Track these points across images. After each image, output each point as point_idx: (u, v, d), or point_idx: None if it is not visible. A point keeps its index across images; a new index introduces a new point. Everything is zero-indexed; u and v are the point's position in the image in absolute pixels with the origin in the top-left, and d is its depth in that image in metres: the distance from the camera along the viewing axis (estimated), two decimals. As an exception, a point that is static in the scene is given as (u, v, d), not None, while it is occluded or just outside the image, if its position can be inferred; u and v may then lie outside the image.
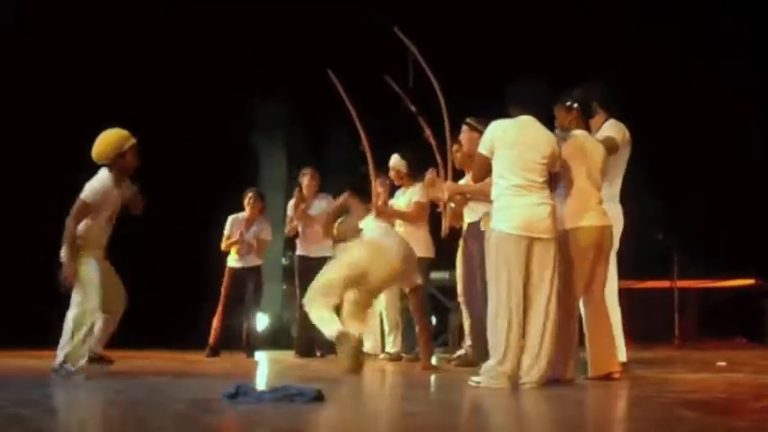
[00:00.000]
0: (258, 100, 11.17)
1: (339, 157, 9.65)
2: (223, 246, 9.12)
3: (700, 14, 10.26)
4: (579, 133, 5.80)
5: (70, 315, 6.07)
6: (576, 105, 5.84)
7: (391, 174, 8.42)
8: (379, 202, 8.26)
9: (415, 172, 8.21)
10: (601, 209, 5.76)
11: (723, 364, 7.15)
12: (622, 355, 6.18)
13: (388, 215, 8.17)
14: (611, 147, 6.09)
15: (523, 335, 5.34)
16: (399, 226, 8.18)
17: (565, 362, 5.59)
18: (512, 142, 5.40)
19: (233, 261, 9.13)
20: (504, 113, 5.60)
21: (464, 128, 7.15)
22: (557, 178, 5.66)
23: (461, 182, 7.34)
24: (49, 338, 9.29)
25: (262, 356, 9.15)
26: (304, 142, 11.18)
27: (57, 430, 3.71)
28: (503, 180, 5.40)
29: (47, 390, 5.16)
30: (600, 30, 10.13)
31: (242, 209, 9.26)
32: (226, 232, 9.13)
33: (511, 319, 5.25)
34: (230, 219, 9.13)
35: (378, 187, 8.27)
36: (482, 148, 5.51)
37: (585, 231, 5.66)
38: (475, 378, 5.35)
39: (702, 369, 6.79)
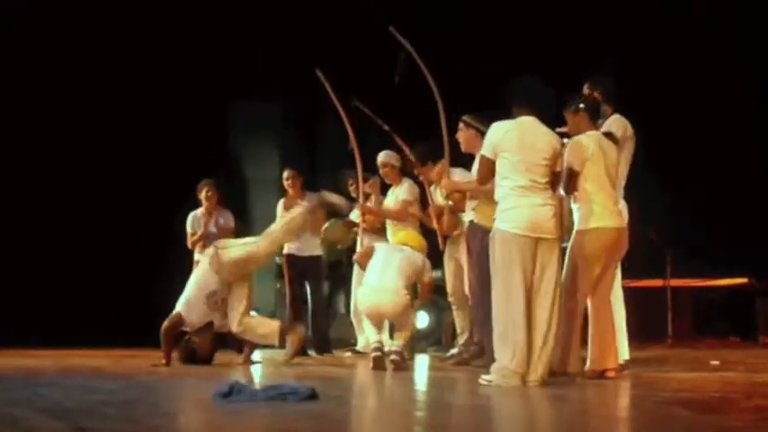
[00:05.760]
0: (250, 100, 11.13)
1: (332, 156, 9.60)
2: (189, 244, 8.93)
3: (700, 15, 10.26)
4: (593, 134, 5.80)
5: None
6: (582, 107, 5.84)
7: (383, 171, 8.26)
8: (368, 203, 8.23)
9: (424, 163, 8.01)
10: (617, 210, 5.82)
11: (716, 362, 7.16)
12: (625, 352, 6.23)
13: (374, 214, 8.16)
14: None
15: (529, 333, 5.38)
16: (389, 225, 8.14)
17: (567, 355, 5.63)
18: (515, 144, 5.40)
19: (199, 256, 8.95)
20: (500, 113, 5.59)
21: (461, 125, 7.01)
22: (570, 179, 5.67)
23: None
24: (49, 338, 9.34)
25: (255, 355, 9.10)
26: (296, 142, 11.13)
27: (49, 431, 3.70)
28: (507, 181, 5.41)
29: (39, 389, 5.14)
30: (600, 28, 10.13)
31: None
32: (189, 230, 8.93)
33: (516, 317, 5.28)
34: (190, 216, 8.91)
35: (366, 189, 8.21)
36: (486, 152, 5.54)
37: (602, 233, 5.69)
38: (486, 377, 5.37)
39: (696, 368, 6.79)
